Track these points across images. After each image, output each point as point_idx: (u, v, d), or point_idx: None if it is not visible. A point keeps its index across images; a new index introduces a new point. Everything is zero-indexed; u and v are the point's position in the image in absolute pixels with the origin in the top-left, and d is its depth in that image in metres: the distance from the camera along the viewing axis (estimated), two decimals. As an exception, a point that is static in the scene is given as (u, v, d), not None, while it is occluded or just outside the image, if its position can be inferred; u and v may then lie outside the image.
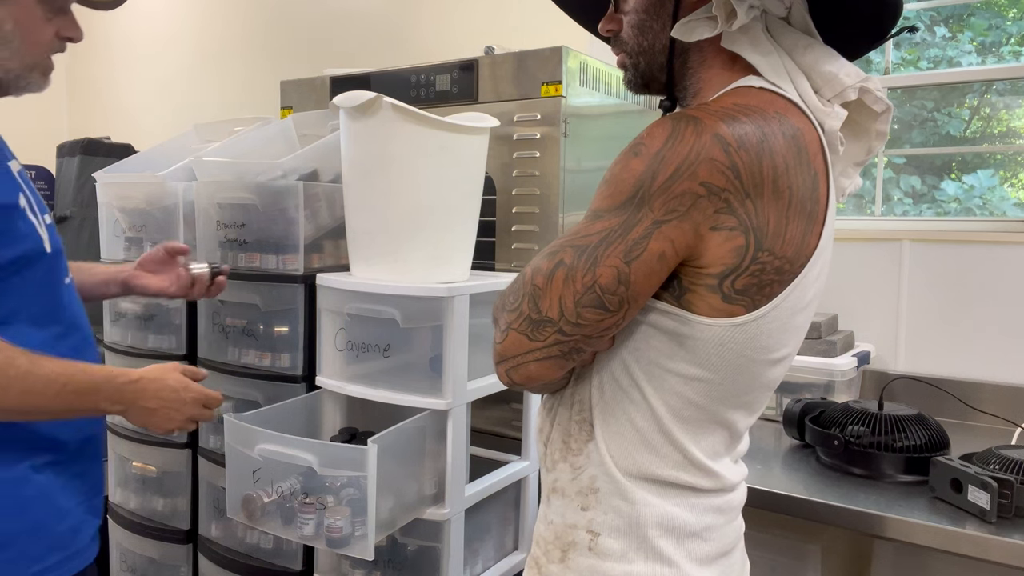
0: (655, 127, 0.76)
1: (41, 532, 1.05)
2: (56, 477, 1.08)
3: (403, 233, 1.38)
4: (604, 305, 0.75)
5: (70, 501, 1.10)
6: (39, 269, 1.07)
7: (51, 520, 1.07)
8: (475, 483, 1.46)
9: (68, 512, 1.09)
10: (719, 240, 0.74)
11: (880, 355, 1.90)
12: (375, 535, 1.24)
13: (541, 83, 1.63)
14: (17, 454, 1.04)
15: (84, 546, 1.12)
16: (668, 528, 0.81)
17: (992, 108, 2.02)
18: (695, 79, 0.88)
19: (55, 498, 1.07)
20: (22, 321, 1.04)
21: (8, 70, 1.07)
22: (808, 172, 0.77)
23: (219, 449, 1.66)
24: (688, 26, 0.84)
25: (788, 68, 0.82)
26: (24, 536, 1.03)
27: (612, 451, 0.83)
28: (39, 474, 1.06)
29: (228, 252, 1.62)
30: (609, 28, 0.93)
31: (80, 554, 1.11)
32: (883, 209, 2.02)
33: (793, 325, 0.81)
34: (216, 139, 1.95)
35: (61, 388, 1.01)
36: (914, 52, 2.06)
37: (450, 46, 2.44)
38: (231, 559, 1.63)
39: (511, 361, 0.80)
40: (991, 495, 1.17)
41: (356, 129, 1.39)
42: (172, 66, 3.28)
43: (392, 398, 1.38)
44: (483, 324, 1.41)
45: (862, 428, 1.40)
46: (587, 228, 0.77)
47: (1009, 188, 1.97)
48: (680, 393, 0.80)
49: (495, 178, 1.68)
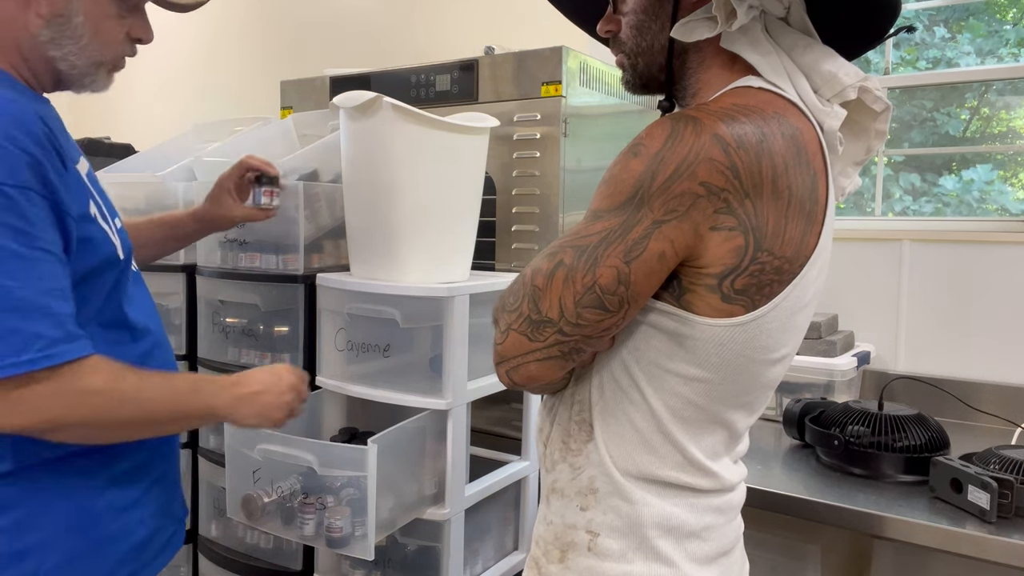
0: (654, 127, 0.76)
1: (107, 548, 1.02)
2: (129, 488, 1.04)
3: (403, 233, 1.38)
4: (604, 305, 0.75)
5: (143, 511, 1.07)
6: (111, 275, 1.03)
7: (120, 534, 1.03)
8: (475, 483, 1.46)
9: (140, 523, 1.06)
10: (719, 240, 0.74)
11: (880, 355, 1.90)
12: (375, 535, 1.24)
13: (541, 83, 1.63)
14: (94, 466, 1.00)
15: (153, 556, 1.09)
16: (667, 528, 0.81)
17: (992, 108, 2.02)
18: (694, 79, 0.88)
19: (126, 511, 1.04)
20: (94, 327, 0.99)
21: (73, 65, 1.02)
22: (807, 172, 0.77)
23: (219, 449, 1.66)
24: (687, 26, 0.84)
25: (787, 68, 0.82)
26: (88, 554, 1.00)
27: (612, 451, 0.83)
28: (113, 487, 1.02)
29: (228, 252, 1.62)
30: (608, 29, 0.92)
31: (148, 566, 1.08)
32: (883, 206, 2.02)
33: (793, 325, 0.81)
34: (216, 139, 1.95)
35: (172, 392, 1.00)
36: (913, 52, 2.06)
37: (450, 46, 2.44)
38: (231, 559, 1.63)
39: (511, 362, 0.80)
40: (991, 495, 1.17)
41: (356, 129, 1.39)
42: (172, 66, 3.28)
43: (392, 398, 1.38)
44: (483, 324, 1.41)
45: (862, 428, 1.40)
46: (587, 228, 0.77)
47: (1009, 188, 1.97)
48: (680, 393, 0.80)
49: (495, 178, 1.68)
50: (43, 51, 1.00)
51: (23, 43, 1.00)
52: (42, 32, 0.99)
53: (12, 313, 0.86)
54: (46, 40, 1.00)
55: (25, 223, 0.87)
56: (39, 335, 0.87)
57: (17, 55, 1.01)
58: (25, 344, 0.86)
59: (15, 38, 0.99)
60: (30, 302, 0.87)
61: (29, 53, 1.00)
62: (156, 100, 3.35)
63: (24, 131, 0.90)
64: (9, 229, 0.86)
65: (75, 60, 1.02)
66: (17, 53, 1.00)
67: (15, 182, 0.87)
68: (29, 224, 0.88)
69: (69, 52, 1.01)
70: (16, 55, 1.00)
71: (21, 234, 0.87)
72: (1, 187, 0.86)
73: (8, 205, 0.86)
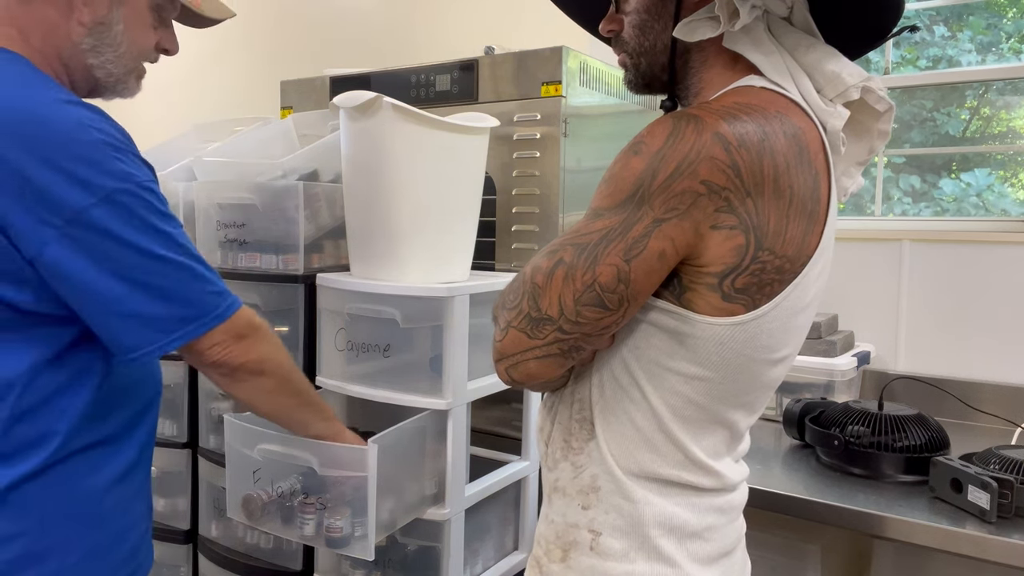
0: (655, 126, 0.76)
1: (118, 544, 1.04)
2: (129, 484, 1.06)
3: (403, 233, 1.38)
4: (604, 303, 0.75)
5: (141, 506, 1.09)
6: None
7: (126, 529, 1.05)
8: (475, 483, 1.46)
9: (141, 518, 1.09)
10: (719, 239, 0.74)
11: (880, 355, 1.90)
12: (375, 535, 1.23)
13: (541, 83, 1.63)
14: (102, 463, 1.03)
15: (150, 549, 1.12)
16: (669, 528, 0.81)
17: (992, 108, 2.02)
18: (696, 79, 0.88)
19: (129, 507, 1.06)
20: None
21: (110, 73, 1.07)
22: (809, 171, 0.77)
23: (219, 449, 1.66)
24: (690, 26, 0.84)
25: (790, 68, 0.82)
26: (102, 551, 1.02)
27: (613, 450, 0.83)
28: (118, 484, 1.04)
29: (228, 252, 1.62)
30: (610, 28, 0.92)
31: (148, 558, 1.11)
32: (883, 208, 2.02)
33: (794, 325, 0.81)
34: (216, 139, 1.95)
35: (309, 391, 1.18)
36: (913, 51, 2.06)
37: (450, 46, 2.44)
38: (231, 559, 1.63)
39: (511, 359, 0.80)
40: (991, 495, 1.17)
41: (356, 129, 1.39)
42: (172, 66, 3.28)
43: (392, 398, 1.38)
44: (483, 324, 1.41)
45: (862, 428, 1.40)
46: (587, 226, 0.77)
47: (1009, 188, 1.97)
48: (680, 392, 0.80)
49: (495, 178, 1.68)
50: (83, 58, 1.04)
51: (64, 51, 1.03)
52: (84, 40, 1.03)
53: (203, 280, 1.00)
54: (87, 48, 1.04)
55: (166, 207, 0.99)
56: (224, 288, 1.03)
57: (58, 62, 1.04)
58: (222, 295, 1.02)
59: (57, 46, 1.03)
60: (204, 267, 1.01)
61: (69, 60, 1.04)
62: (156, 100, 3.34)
63: (125, 134, 0.97)
64: (163, 216, 0.97)
65: (112, 68, 1.07)
66: (58, 60, 1.04)
67: (147, 178, 0.97)
68: (167, 207, 0.99)
69: (107, 60, 1.06)
70: (57, 62, 1.04)
71: (170, 219, 0.99)
72: (143, 183, 0.95)
73: (153, 197, 0.97)
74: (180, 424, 1.76)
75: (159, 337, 0.96)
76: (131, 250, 0.93)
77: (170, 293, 0.96)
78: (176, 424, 1.76)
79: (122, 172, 0.93)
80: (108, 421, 1.02)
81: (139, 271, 0.94)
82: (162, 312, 0.96)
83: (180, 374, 1.74)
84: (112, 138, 0.94)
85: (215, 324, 0.99)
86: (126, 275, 0.93)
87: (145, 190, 0.95)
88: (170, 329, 0.97)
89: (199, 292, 0.99)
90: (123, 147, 0.95)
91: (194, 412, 1.75)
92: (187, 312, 0.97)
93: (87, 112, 0.94)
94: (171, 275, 0.96)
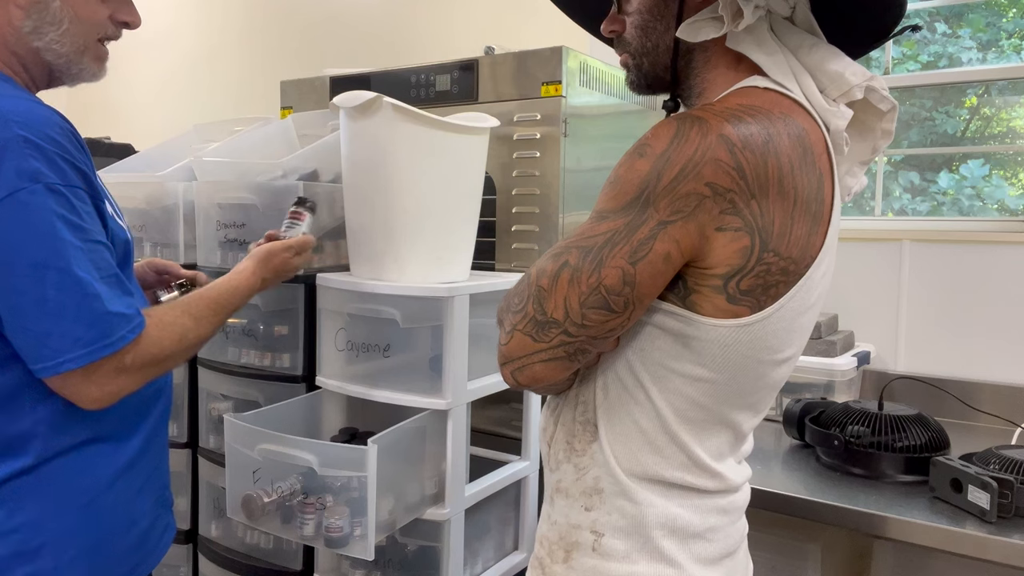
0: (660, 128, 0.76)
1: (116, 540, 1.04)
2: (132, 479, 1.06)
3: (403, 233, 1.38)
4: (609, 306, 0.75)
5: (145, 502, 1.09)
6: (128, 268, 1.08)
7: (126, 525, 1.05)
8: (475, 483, 1.46)
9: (142, 514, 1.08)
10: (724, 241, 0.74)
11: (880, 355, 1.90)
12: (375, 535, 1.23)
13: (541, 83, 1.62)
14: (101, 458, 1.03)
15: (154, 545, 1.11)
16: (672, 529, 0.81)
17: (992, 107, 2.02)
18: (699, 79, 0.87)
19: (130, 502, 1.06)
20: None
21: (59, 54, 1.03)
22: (813, 172, 0.77)
23: (219, 449, 1.66)
24: (693, 27, 0.83)
25: (793, 68, 0.82)
26: (99, 546, 1.01)
27: (616, 452, 0.83)
28: (119, 479, 1.04)
29: (228, 252, 1.62)
30: (612, 29, 0.92)
31: (151, 555, 1.11)
32: (882, 205, 2.02)
33: (798, 325, 0.81)
34: (216, 139, 1.95)
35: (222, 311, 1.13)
36: (913, 46, 2.06)
37: (450, 46, 2.44)
38: (231, 559, 1.63)
39: (516, 362, 0.80)
40: (991, 495, 1.17)
41: (356, 129, 1.39)
42: (172, 66, 3.28)
43: (392, 398, 1.38)
44: (483, 324, 1.41)
45: (862, 428, 1.40)
46: (592, 229, 0.77)
47: (1009, 187, 1.97)
48: (685, 394, 0.80)
49: (495, 178, 1.68)
50: (28, 43, 1.01)
51: (9, 38, 1.01)
52: (24, 23, 1.00)
53: (96, 300, 0.92)
54: (29, 31, 1.01)
55: (79, 219, 0.93)
56: (122, 315, 0.94)
57: (7, 52, 1.02)
58: (115, 324, 0.93)
59: (2, 35, 1.00)
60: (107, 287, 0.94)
61: (17, 47, 1.01)
62: (156, 100, 3.35)
63: (58, 131, 0.93)
64: (70, 226, 0.92)
65: (59, 48, 1.03)
66: (6, 50, 1.02)
67: (65, 182, 0.92)
68: (81, 219, 0.93)
69: (52, 40, 1.02)
70: (6, 52, 1.02)
71: (79, 230, 0.93)
72: (54, 185, 0.90)
73: (65, 203, 0.91)
74: (180, 424, 1.76)
75: (51, 355, 0.90)
76: (23, 256, 0.89)
77: (59, 310, 0.90)
78: (176, 424, 1.76)
79: (32, 171, 0.89)
80: (103, 418, 1.01)
81: (32, 281, 0.89)
82: (52, 329, 0.90)
83: (180, 374, 1.74)
84: (35, 135, 0.90)
85: (111, 351, 0.92)
86: (18, 285, 0.89)
87: (54, 194, 0.90)
88: (62, 349, 0.90)
89: (89, 313, 0.91)
90: (45, 147, 0.90)
91: (194, 412, 1.75)
92: (83, 334, 0.91)
93: (16, 105, 0.92)
94: (66, 291, 0.90)
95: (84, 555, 1.00)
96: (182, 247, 1.74)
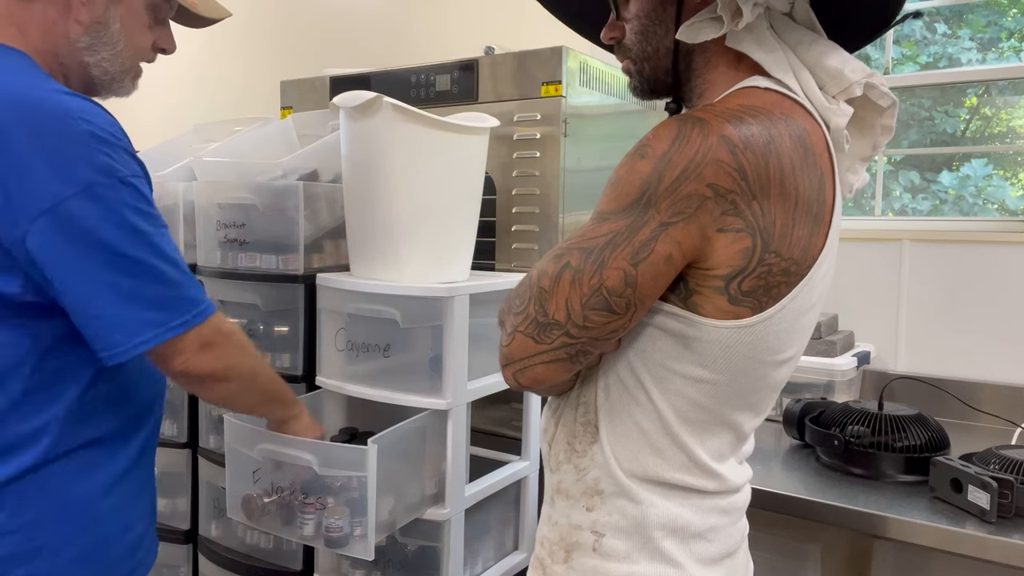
0: (661, 129, 0.76)
1: (112, 545, 1.04)
2: (129, 485, 1.06)
3: (403, 233, 1.38)
4: (611, 307, 0.75)
5: (140, 508, 1.09)
6: None
7: (121, 531, 1.05)
8: (475, 483, 1.46)
9: (137, 520, 1.09)
10: (726, 242, 0.74)
11: (880, 355, 1.90)
12: (375, 535, 1.23)
13: (541, 83, 1.62)
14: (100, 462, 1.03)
15: (146, 552, 1.11)
16: (673, 529, 0.81)
17: (992, 107, 2.02)
18: (700, 80, 0.87)
19: (126, 509, 1.06)
20: None
21: (106, 71, 1.08)
22: (814, 173, 0.77)
23: (219, 449, 1.66)
24: (693, 28, 0.83)
25: (793, 65, 0.82)
26: (95, 552, 1.02)
27: (617, 453, 0.83)
28: (117, 484, 1.04)
29: (228, 252, 1.62)
30: (612, 36, 0.92)
31: (143, 562, 1.11)
32: (883, 204, 2.02)
33: (799, 326, 0.81)
34: (216, 139, 1.94)
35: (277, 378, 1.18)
36: (913, 47, 2.06)
37: (450, 46, 2.44)
38: (231, 559, 1.63)
39: (518, 364, 0.80)
40: (991, 495, 1.17)
41: (356, 129, 1.39)
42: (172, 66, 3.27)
43: (392, 398, 1.38)
44: (483, 324, 1.41)
45: (862, 428, 1.40)
46: (593, 230, 0.77)
47: (1010, 188, 1.97)
48: (686, 395, 0.80)
49: (495, 178, 1.68)
50: (79, 56, 1.06)
51: (62, 49, 1.05)
52: (81, 38, 1.05)
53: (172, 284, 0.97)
54: (84, 46, 1.05)
55: (150, 207, 0.97)
56: (198, 294, 1.00)
57: (55, 60, 1.05)
58: (193, 301, 0.99)
59: (55, 44, 1.04)
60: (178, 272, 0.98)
61: (66, 58, 1.06)
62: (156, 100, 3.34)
63: (116, 126, 0.97)
64: (143, 215, 0.96)
65: (108, 66, 1.08)
66: (55, 58, 1.05)
67: (132, 173, 0.95)
68: (152, 208, 0.98)
69: (103, 58, 1.07)
70: (54, 60, 1.05)
71: (151, 218, 0.97)
72: (126, 179, 0.94)
73: (136, 195, 0.95)
74: (180, 424, 1.76)
75: (124, 340, 0.94)
76: (102, 247, 0.92)
77: (138, 295, 0.94)
78: (176, 424, 1.76)
79: (104, 165, 0.92)
80: (104, 421, 1.02)
81: (109, 270, 0.93)
82: (128, 315, 0.94)
83: (180, 374, 1.74)
84: (100, 130, 0.93)
85: (181, 331, 0.97)
86: (95, 273, 0.92)
87: (127, 186, 0.94)
88: (135, 331, 0.94)
89: (168, 296, 0.96)
90: (111, 141, 0.94)
91: (194, 412, 1.75)
92: (154, 316, 0.95)
93: (79, 102, 0.94)
94: (141, 276, 0.94)
95: (81, 558, 1.00)
96: (182, 247, 1.74)
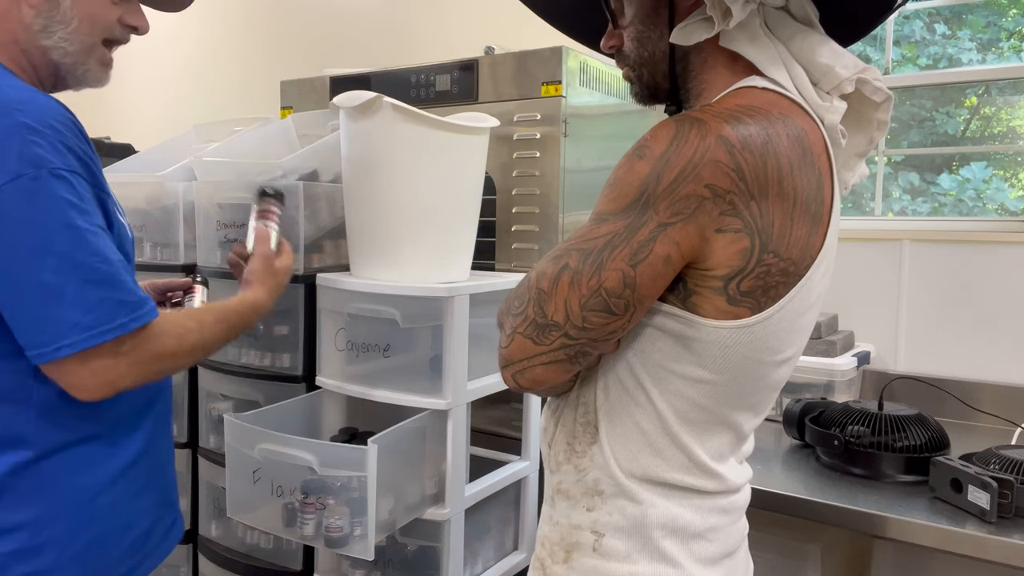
0: (659, 129, 0.76)
1: (116, 539, 1.04)
2: (134, 478, 1.06)
3: (403, 233, 1.38)
4: (610, 308, 0.75)
5: (146, 501, 1.09)
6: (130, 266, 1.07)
7: (127, 525, 1.05)
8: (475, 483, 1.46)
9: (143, 513, 1.08)
10: (724, 242, 0.74)
11: (880, 355, 1.90)
12: (375, 535, 1.23)
13: (541, 83, 1.62)
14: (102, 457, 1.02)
15: (155, 546, 1.11)
16: (673, 529, 0.81)
17: (992, 107, 2.02)
18: (697, 81, 0.87)
19: (131, 502, 1.06)
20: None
21: (66, 53, 1.04)
22: (813, 173, 0.77)
23: (219, 449, 1.66)
24: (686, 30, 0.83)
25: (786, 61, 0.82)
26: (99, 546, 1.01)
27: (616, 454, 0.83)
28: (120, 478, 1.04)
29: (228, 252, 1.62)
30: (611, 45, 0.92)
31: (151, 555, 1.11)
32: (882, 206, 2.02)
33: (799, 326, 0.81)
34: (216, 139, 1.95)
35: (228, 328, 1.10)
36: (912, 49, 2.06)
37: (450, 46, 2.44)
38: (231, 559, 1.63)
39: (517, 365, 0.80)
40: (991, 495, 1.17)
41: (356, 129, 1.39)
42: (172, 66, 3.28)
43: (392, 398, 1.38)
44: (483, 324, 1.41)
45: (862, 428, 1.40)
46: (592, 231, 0.77)
47: (1010, 189, 1.97)
48: (686, 395, 0.80)
49: (495, 178, 1.68)
50: (37, 41, 1.02)
51: (20, 37, 1.02)
52: (35, 21, 1.02)
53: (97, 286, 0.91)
54: (39, 29, 1.02)
55: (82, 203, 0.92)
56: (123, 302, 0.93)
57: (17, 50, 1.03)
58: (114, 311, 0.92)
59: (13, 32, 1.02)
60: (109, 273, 0.92)
61: (27, 46, 1.03)
62: (156, 100, 3.35)
63: (60, 119, 0.93)
64: (74, 210, 0.91)
65: (67, 46, 1.04)
66: (16, 48, 1.02)
67: (68, 167, 0.91)
68: (84, 204, 0.93)
69: (60, 39, 1.03)
70: (16, 50, 1.03)
71: (83, 214, 0.92)
72: (57, 171, 0.90)
73: (68, 188, 0.91)
74: (180, 424, 1.76)
75: (51, 340, 0.89)
76: (27, 241, 0.89)
77: (64, 294, 0.89)
78: (176, 424, 1.76)
79: (34, 156, 0.89)
80: (99, 418, 1.01)
81: (34, 266, 0.89)
82: (55, 314, 0.89)
83: (180, 374, 1.74)
84: (36, 121, 0.90)
85: (112, 336, 0.91)
86: (19, 269, 0.89)
87: (58, 179, 0.90)
88: (62, 333, 0.89)
89: (99, 298, 0.91)
90: (46, 132, 0.90)
91: (194, 412, 1.75)
92: (82, 318, 0.89)
93: (20, 94, 0.92)
94: (69, 275, 0.89)
95: (84, 554, 1.00)
96: (182, 247, 1.74)
